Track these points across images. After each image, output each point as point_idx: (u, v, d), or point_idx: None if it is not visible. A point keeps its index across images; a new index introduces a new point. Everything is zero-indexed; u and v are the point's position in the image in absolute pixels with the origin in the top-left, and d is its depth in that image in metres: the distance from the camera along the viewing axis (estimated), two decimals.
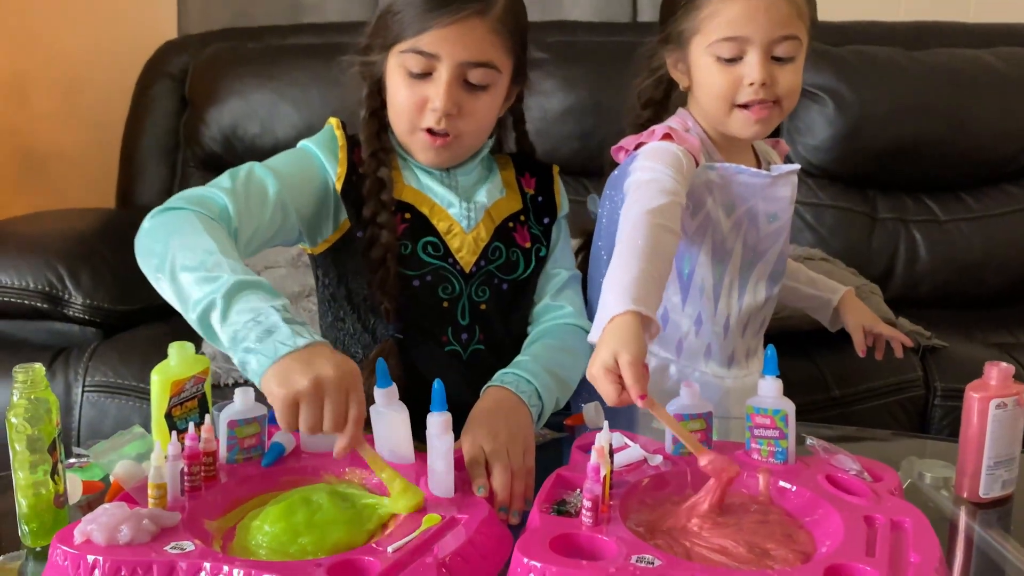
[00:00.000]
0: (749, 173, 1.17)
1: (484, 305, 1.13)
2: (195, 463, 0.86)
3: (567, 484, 0.88)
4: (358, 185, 1.10)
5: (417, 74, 1.07)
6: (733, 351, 1.24)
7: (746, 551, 0.77)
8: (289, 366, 0.82)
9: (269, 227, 1.04)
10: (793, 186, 1.20)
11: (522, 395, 1.00)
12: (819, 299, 1.38)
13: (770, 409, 0.92)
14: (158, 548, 0.75)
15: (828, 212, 2.11)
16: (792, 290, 1.38)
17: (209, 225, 0.94)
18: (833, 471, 0.91)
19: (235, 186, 1.02)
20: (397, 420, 0.92)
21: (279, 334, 0.83)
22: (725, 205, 1.17)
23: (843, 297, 1.37)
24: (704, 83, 1.16)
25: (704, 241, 1.19)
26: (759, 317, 1.26)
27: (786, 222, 1.22)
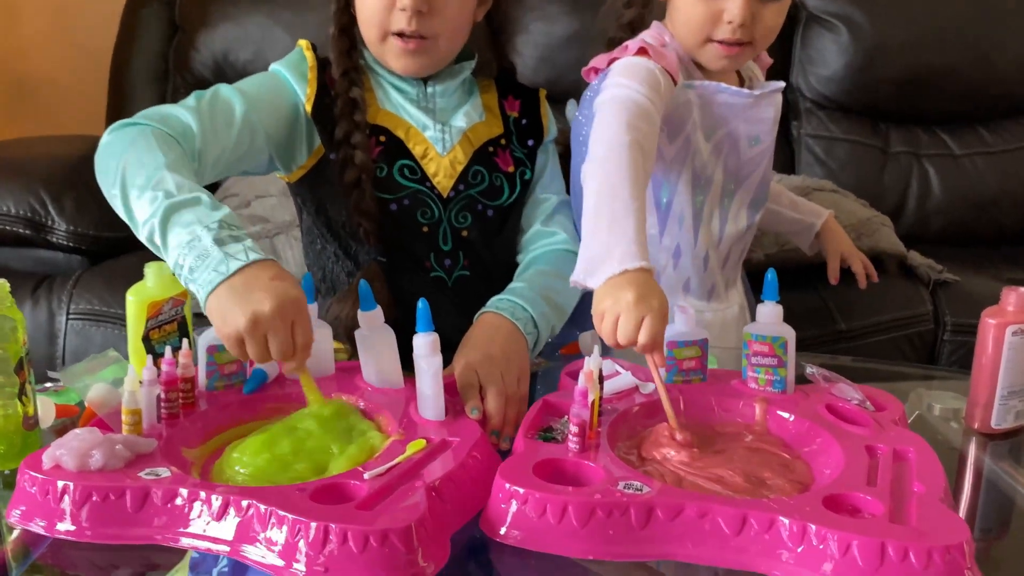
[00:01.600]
0: (730, 92, 1.10)
1: (466, 232, 1.09)
2: (172, 389, 0.82)
3: (554, 410, 0.84)
4: (330, 107, 1.06)
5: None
6: (713, 284, 1.20)
7: (742, 480, 0.74)
8: (227, 299, 0.78)
9: (236, 148, 1.00)
10: (777, 107, 1.14)
11: (518, 322, 0.97)
12: (801, 223, 1.35)
13: (769, 336, 0.88)
14: (132, 474, 0.72)
15: (839, 145, 2.04)
16: (774, 214, 1.34)
17: (164, 141, 0.90)
18: (834, 400, 0.87)
19: (200, 105, 0.98)
20: (383, 344, 0.89)
21: (211, 259, 0.79)
22: (705, 128, 1.11)
23: (825, 222, 1.34)
24: (682, 9, 1.09)
25: (683, 168, 1.13)
26: (739, 246, 1.21)
27: (769, 145, 1.16)
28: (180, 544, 0.69)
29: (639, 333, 0.79)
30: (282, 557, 0.64)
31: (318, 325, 0.91)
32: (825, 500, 0.68)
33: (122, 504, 0.70)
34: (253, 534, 0.66)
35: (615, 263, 0.83)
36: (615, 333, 0.80)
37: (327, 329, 0.92)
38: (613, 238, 0.85)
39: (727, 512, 0.67)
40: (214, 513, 0.68)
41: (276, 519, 0.66)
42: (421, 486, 0.69)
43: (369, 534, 0.63)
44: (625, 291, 0.80)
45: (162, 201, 0.82)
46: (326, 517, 0.64)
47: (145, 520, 0.69)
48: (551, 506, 0.67)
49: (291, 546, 0.64)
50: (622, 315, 0.80)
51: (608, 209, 0.88)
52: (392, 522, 0.64)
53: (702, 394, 0.89)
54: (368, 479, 0.70)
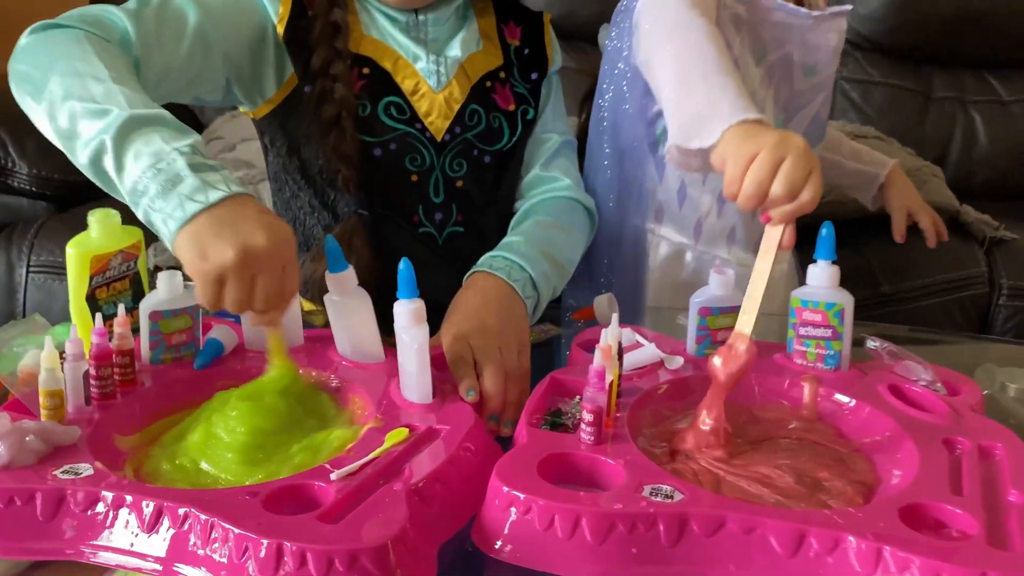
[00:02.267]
0: (787, 10, 0.95)
1: (461, 181, 0.95)
2: (104, 364, 0.69)
3: (564, 390, 0.70)
4: (306, 30, 0.90)
5: None
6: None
7: (793, 482, 0.60)
8: (208, 231, 0.63)
9: (186, 66, 0.84)
10: (840, 34, 0.99)
11: (515, 284, 0.82)
12: (864, 174, 1.19)
13: (822, 302, 0.74)
14: (45, 472, 0.58)
15: (877, 90, 1.88)
16: (834, 164, 1.18)
17: (103, 48, 0.74)
18: (898, 380, 0.73)
19: (143, 10, 0.82)
20: (357, 310, 0.75)
21: (184, 185, 0.64)
22: (755, 50, 0.96)
23: (891, 172, 1.18)
24: None
25: None
26: None
27: (827, 78, 1.01)
28: (100, 561, 0.55)
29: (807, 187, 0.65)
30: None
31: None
32: (902, 512, 0.55)
33: (30, 511, 0.56)
34: (191, 551, 0.53)
35: (726, 115, 0.71)
36: (767, 180, 0.65)
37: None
38: (714, 92, 0.74)
39: (781, 527, 0.53)
40: (144, 523, 0.55)
41: (220, 533, 0.52)
42: (402, 489, 0.55)
43: (333, 555, 0.49)
44: (760, 134, 0.67)
45: (116, 116, 0.67)
46: (280, 532, 0.51)
47: (58, 531, 0.56)
48: (560, 517, 0.54)
49: (238, 568, 0.51)
50: (791, 158, 0.65)
51: (699, 69, 0.77)
52: (363, 539, 0.50)
53: None
54: (336, 480, 0.57)
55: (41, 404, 0.65)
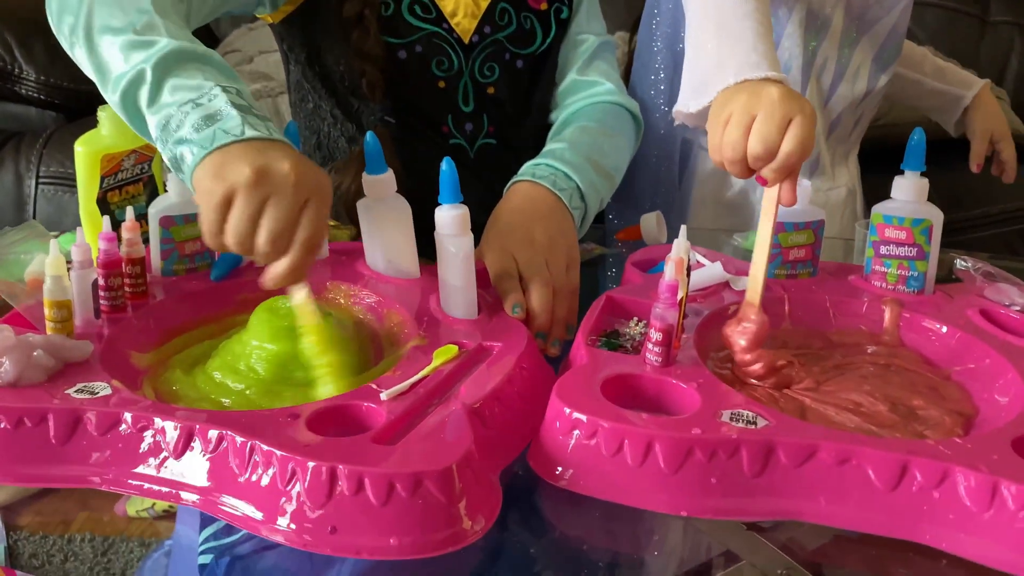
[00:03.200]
0: None
1: (492, 88, 0.87)
2: (114, 274, 0.62)
3: (621, 310, 0.64)
4: None
5: None
6: (818, 155, 0.98)
7: (887, 410, 0.54)
8: (230, 156, 0.55)
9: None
10: None
11: (561, 194, 0.75)
12: (948, 95, 1.08)
13: (908, 218, 0.67)
14: (57, 391, 0.52)
15: (929, 12, 1.77)
16: (914, 83, 1.09)
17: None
18: (990, 306, 0.66)
19: None
20: (395, 218, 0.68)
21: (225, 122, 0.57)
22: None
23: (979, 94, 1.07)
24: None
25: (796, 2, 0.89)
26: (854, 115, 0.99)
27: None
28: (125, 490, 0.50)
29: (787, 137, 0.57)
30: (268, 512, 0.46)
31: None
32: (1015, 443, 0.48)
33: (43, 433, 0.50)
34: (230, 477, 0.48)
35: (730, 75, 0.63)
36: (742, 142, 0.58)
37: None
38: (725, 48, 0.65)
39: (880, 458, 0.47)
40: (172, 447, 0.49)
41: (261, 456, 0.46)
42: (460, 409, 0.49)
43: (394, 479, 0.44)
44: (759, 92, 0.59)
45: (159, 50, 0.60)
46: (331, 455, 0.45)
47: (76, 455, 0.50)
48: (630, 442, 0.48)
49: (284, 495, 0.45)
50: (761, 114, 0.58)
51: (715, 17, 0.68)
52: (427, 461, 0.45)
53: (812, 293, 0.68)
54: (386, 400, 0.51)
55: (47, 316, 0.59)
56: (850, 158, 1.05)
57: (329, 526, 0.44)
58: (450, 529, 0.44)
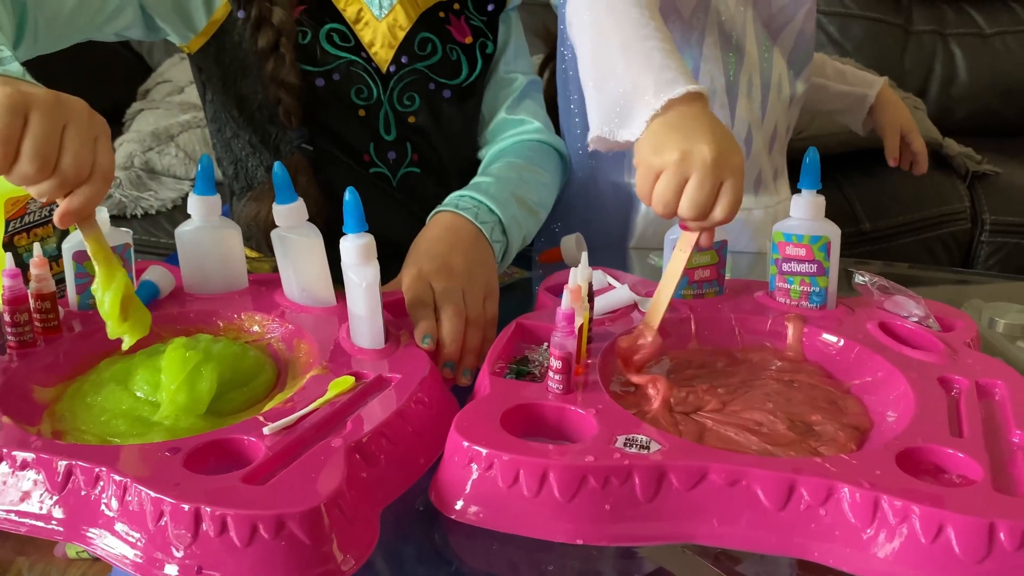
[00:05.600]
0: None
1: (413, 117, 0.88)
2: (19, 309, 0.62)
3: (531, 336, 0.65)
4: None
5: None
6: (759, 172, 0.99)
7: (786, 428, 0.55)
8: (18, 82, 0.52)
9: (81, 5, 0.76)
10: None
11: (482, 226, 0.76)
12: (852, 96, 1.12)
13: (807, 235, 0.69)
14: None
15: (856, 24, 1.82)
16: (819, 88, 1.12)
17: None
18: (889, 318, 0.68)
19: None
20: (307, 247, 0.68)
21: None
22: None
23: (881, 91, 1.11)
24: None
25: (707, 24, 0.91)
26: (785, 123, 1.01)
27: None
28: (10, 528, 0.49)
29: (718, 204, 0.59)
30: (138, 549, 0.46)
31: (223, 224, 0.71)
32: (899, 458, 0.50)
33: None
34: (105, 514, 0.48)
35: (650, 96, 0.63)
36: (674, 201, 0.60)
37: (235, 229, 0.72)
38: (635, 68, 0.65)
39: (768, 478, 0.48)
40: (53, 485, 0.49)
41: (135, 495, 0.47)
42: (341, 445, 0.50)
43: (257, 520, 0.44)
44: (694, 139, 0.60)
45: None
46: (199, 494, 0.45)
47: None
48: (525, 472, 0.48)
49: (154, 534, 0.45)
50: (695, 176, 0.59)
51: (617, 41, 0.69)
52: (291, 502, 0.45)
53: (718, 311, 0.69)
54: (269, 434, 0.51)
55: None
56: (785, 170, 1.07)
57: (196, 566, 0.44)
58: (319, 568, 0.44)
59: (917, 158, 1.11)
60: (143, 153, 1.30)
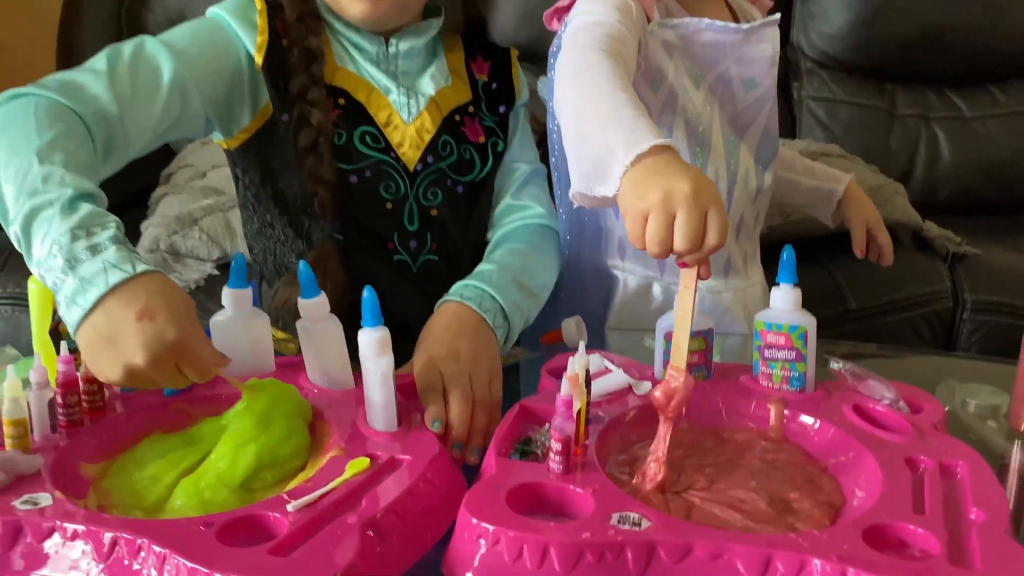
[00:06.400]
0: (715, 29, 0.95)
1: (435, 210, 0.96)
2: (70, 392, 0.68)
3: (534, 418, 0.71)
4: (282, 59, 0.91)
5: None
6: (728, 257, 1.06)
7: (766, 505, 0.60)
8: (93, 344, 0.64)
9: (165, 116, 0.85)
10: (774, 44, 0.99)
11: (485, 314, 0.83)
12: (820, 191, 1.19)
13: (785, 325, 0.75)
14: (3, 503, 0.58)
15: (843, 108, 1.91)
16: (789, 183, 1.19)
17: (51, 116, 0.73)
18: (862, 400, 0.74)
19: (116, 68, 0.82)
20: (328, 337, 0.75)
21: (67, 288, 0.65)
22: (691, 73, 0.97)
23: (847, 187, 1.18)
24: None
25: (674, 120, 0.98)
26: (753, 212, 1.08)
27: (768, 89, 1.02)
28: None
29: (708, 232, 0.64)
30: None
31: (253, 314, 0.78)
32: (865, 533, 0.55)
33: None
34: None
35: (622, 154, 0.69)
36: (668, 237, 0.64)
37: (263, 319, 0.78)
38: (607, 132, 0.71)
39: (747, 552, 0.54)
40: (99, 555, 0.55)
41: (172, 565, 0.52)
42: (356, 522, 0.55)
43: None
44: (672, 179, 0.65)
45: (24, 202, 0.66)
46: (228, 565, 0.51)
47: (18, 564, 0.56)
48: (528, 548, 0.54)
49: None
50: (681, 211, 0.63)
51: (592, 109, 0.75)
52: (311, 573, 0.50)
53: (706, 394, 0.75)
54: (292, 511, 0.57)
55: (5, 433, 0.65)
56: (756, 255, 1.13)
57: None
58: None
59: (883, 250, 1.17)
60: (168, 237, 1.38)
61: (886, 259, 1.18)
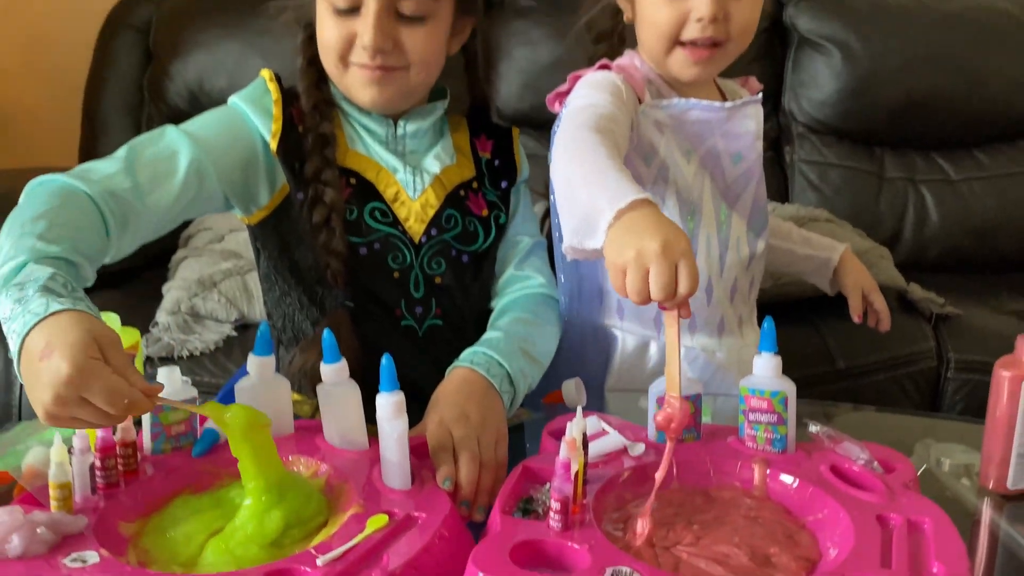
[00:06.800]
0: (701, 107, 1.04)
1: (440, 278, 1.03)
2: (108, 456, 0.75)
3: (535, 477, 0.77)
4: (297, 143, 0.99)
5: (344, 9, 0.96)
6: (722, 318, 1.12)
7: (747, 560, 0.66)
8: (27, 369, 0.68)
9: (181, 196, 0.92)
10: (757, 120, 1.07)
11: (493, 379, 0.90)
12: (816, 259, 1.26)
13: (767, 391, 0.81)
14: (55, 562, 0.64)
15: (833, 171, 1.99)
16: (786, 252, 1.26)
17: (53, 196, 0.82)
18: (839, 461, 0.80)
19: (136, 151, 0.91)
20: (347, 401, 0.81)
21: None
22: (682, 148, 1.05)
23: (843, 256, 1.25)
24: (647, 17, 1.04)
25: (666, 191, 1.06)
26: (747, 277, 1.14)
27: (755, 162, 1.09)
28: None
29: (680, 282, 0.72)
30: None
31: (275, 379, 0.84)
32: None
33: None
34: None
35: (607, 210, 0.77)
36: (645, 289, 0.73)
37: (284, 383, 0.85)
38: (593, 192, 0.80)
39: None
40: None
41: None
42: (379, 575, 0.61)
43: None
44: (644, 237, 0.73)
45: None
46: None
47: None
48: None
49: None
50: (653, 266, 0.72)
51: (579, 173, 0.84)
52: None
53: (696, 455, 0.81)
54: (321, 565, 0.62)
55: (51, 496, 0.71)
56: (752, 318, 1.19)
57: None
58: None
59: (880, 316, 1.23)
60: (189, 299, 1.45)
61: (883, 324, 1.24)
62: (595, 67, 1.05)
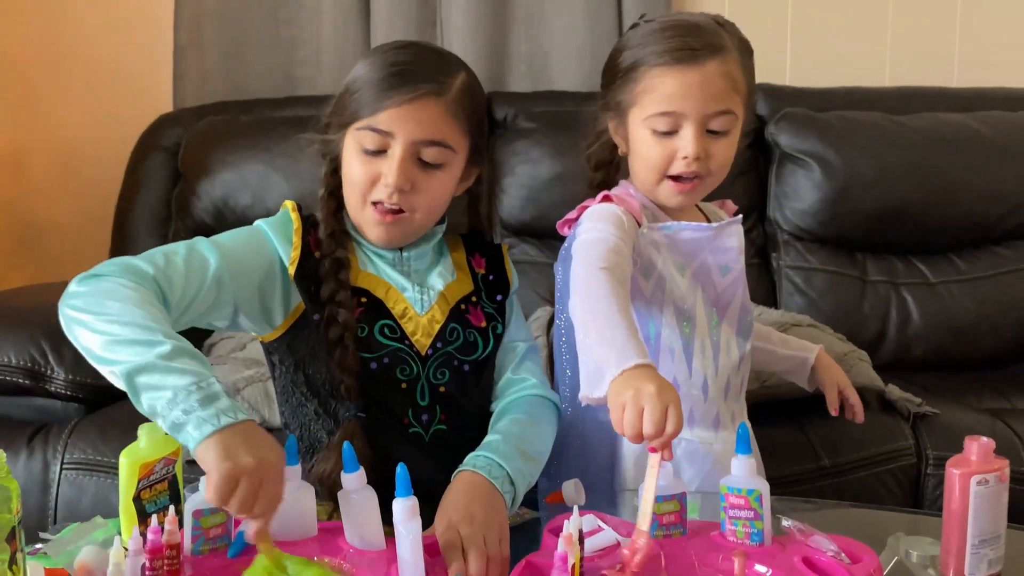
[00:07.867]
0: (692, 228, 1.19)
1: (444, 387, 1.12)
2: (157, 557, 0.84)
3: (537, 572, 0.85)
4: (313, 268, 1.10)
5: (372, 151, 1.09)
6: (717, 413, 1.23)
7: None
8: (233, 440, 0.82)
9: (203, 302, 1.03)
10: (740, 237, 1.23)
11: (495, 481, 0.99)
12: (795, 359, 1.38)
13: (744, 489, 0.91)
14: None
15: (818, 275, 2.11)
16: (768, 353, 1.38)
17: (138, 294, 0.94)
18: (810, 552, 0.88)
19: (173, 259, 1.01)
20: (366, 506, 0.91)
21: (221, 403, 0.85)
22: (677, 263, 1.19)
23: (819, 355, 1.38)
24: (640, 153, 1.19)
25: (664, 301, 1.19)
26: (738, 377, 1.25)
27: (739, 273, 1.23)
28: None
29: (668, 422, 0.84)
30: None
31: (301, 486, 0.93)
32: None
33: None
34: None
35: (613, 368, 0.90)
36: (639, 424, 0.85)
37: (309, 490, 0.94)
38: (604, 349, 0.93)
39: None
40: None
41: None
42: None
43: None
44: (642, 382, 0.87)
45: (164, 344, 0.87)
46: None
47: None
48: None
49: None
50: (647, 405, 0.85)
51: (594, 327, 0.96)
52: None
53: (682, 549, 0.90)
54: None
55: None
56: (744, 413, 1.29)
57: None
58: None
59: (855, 409, 1.35)
60: None
61: (858, 417, 1.36)
62: (598, 199, 1.19)
